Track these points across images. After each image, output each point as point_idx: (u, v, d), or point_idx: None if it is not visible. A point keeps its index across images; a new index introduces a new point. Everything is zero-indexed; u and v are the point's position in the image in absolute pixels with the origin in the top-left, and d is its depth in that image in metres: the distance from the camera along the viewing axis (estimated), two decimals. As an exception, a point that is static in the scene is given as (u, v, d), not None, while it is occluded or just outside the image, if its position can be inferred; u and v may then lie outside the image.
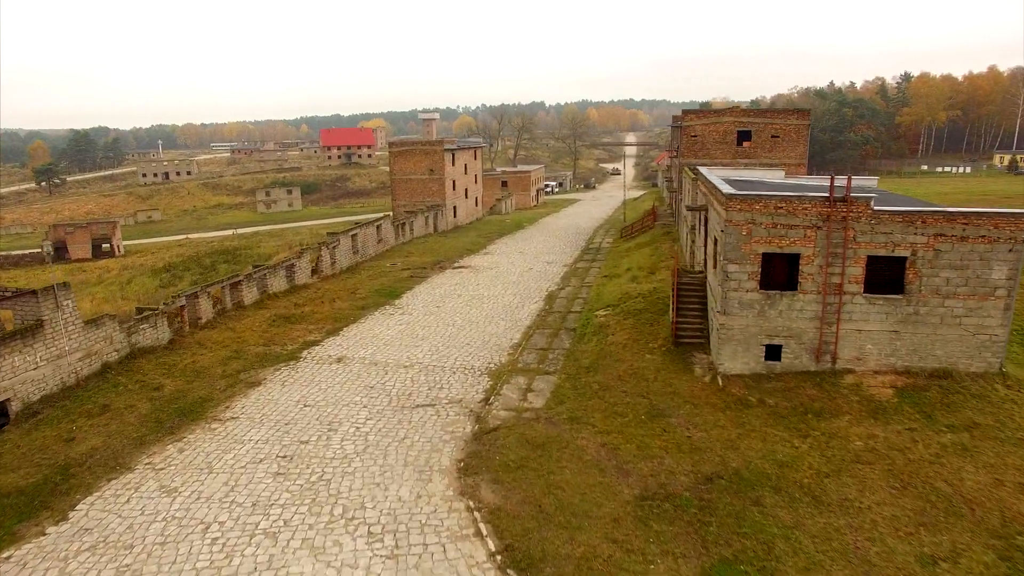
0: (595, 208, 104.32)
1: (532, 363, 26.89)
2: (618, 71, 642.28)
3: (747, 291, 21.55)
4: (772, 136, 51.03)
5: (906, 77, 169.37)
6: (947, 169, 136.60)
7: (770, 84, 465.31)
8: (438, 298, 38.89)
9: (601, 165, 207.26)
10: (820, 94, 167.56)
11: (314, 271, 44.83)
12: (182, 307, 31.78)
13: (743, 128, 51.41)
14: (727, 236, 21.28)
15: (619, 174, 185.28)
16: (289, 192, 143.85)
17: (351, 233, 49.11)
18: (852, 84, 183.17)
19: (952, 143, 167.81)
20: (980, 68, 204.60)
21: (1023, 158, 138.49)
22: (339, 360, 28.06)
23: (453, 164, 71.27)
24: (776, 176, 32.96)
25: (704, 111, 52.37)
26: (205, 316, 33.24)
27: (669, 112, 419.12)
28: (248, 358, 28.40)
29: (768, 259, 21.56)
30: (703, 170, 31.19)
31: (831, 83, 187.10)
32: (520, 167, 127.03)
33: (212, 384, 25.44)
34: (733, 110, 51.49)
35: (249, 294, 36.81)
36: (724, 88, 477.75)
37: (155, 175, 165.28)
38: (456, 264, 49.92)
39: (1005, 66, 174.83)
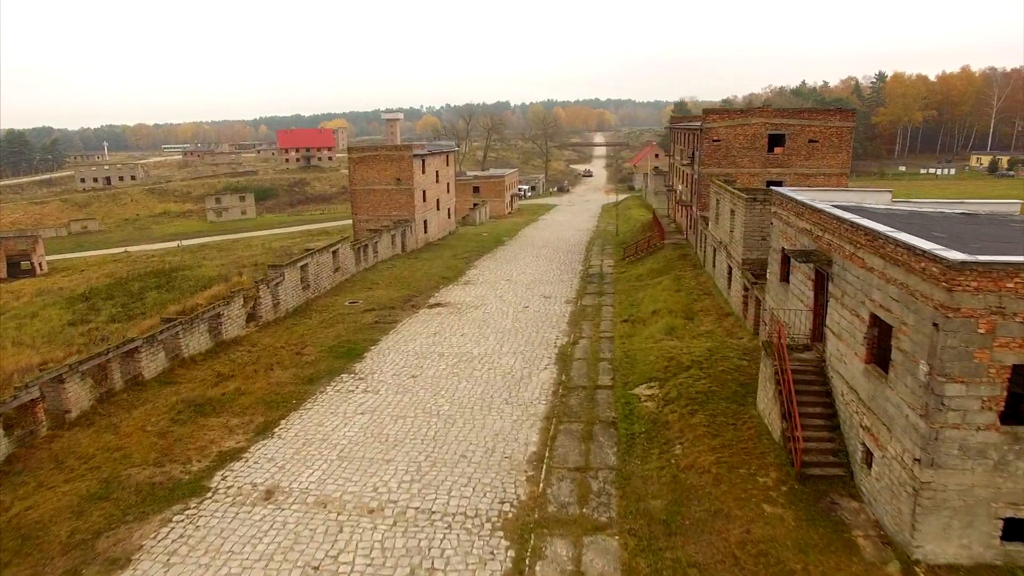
0: (576, 216, 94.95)
1: (570, 503, 17.01)
2: (582, 71, 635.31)
3: (978, 428, 12.06)
4: (809, 141, 42.10)
5: (880, 77, 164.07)
6: (931, 171, 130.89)
7: (733, 85, 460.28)
8: (413, 360, 28.74)
9: (571, 166, 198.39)
10: (797, 93, 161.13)
11: (251, 317, 34.28)
12: (35, 400, 21.10)
13: (775, 131, 42.36)
14: (948, 335, 11.72)
15: (591, 176, 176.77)
16: (242, 199, 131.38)
17: (300, 263, 38.53)
18: (825, 83, 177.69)
19: (926, 144, 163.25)
20: (949, 69, 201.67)
21: (1007, 160, 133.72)
22: (268, 496, 17.79)
23: (423, 172, 60.95)
24: (879, 200, 23.71)
25: (729, 111, 43.26)
26: (78, 407, 22.57)
27: (635, 112, 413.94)
28: (124, 495, 17.93)
29: (1018, 373, 12.13)
30: (789, 192, 21.81)
31: (803, 83, 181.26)
32: (492, 171, 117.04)
33: (38, 573, 14.96)
34: (763, 109, 42.42)
35: (152, 364, 26.15)
36: (691, 88, 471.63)
37: (95, 180, 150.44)
38: (432, 300, 39.75)
39: (974, 67, 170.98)
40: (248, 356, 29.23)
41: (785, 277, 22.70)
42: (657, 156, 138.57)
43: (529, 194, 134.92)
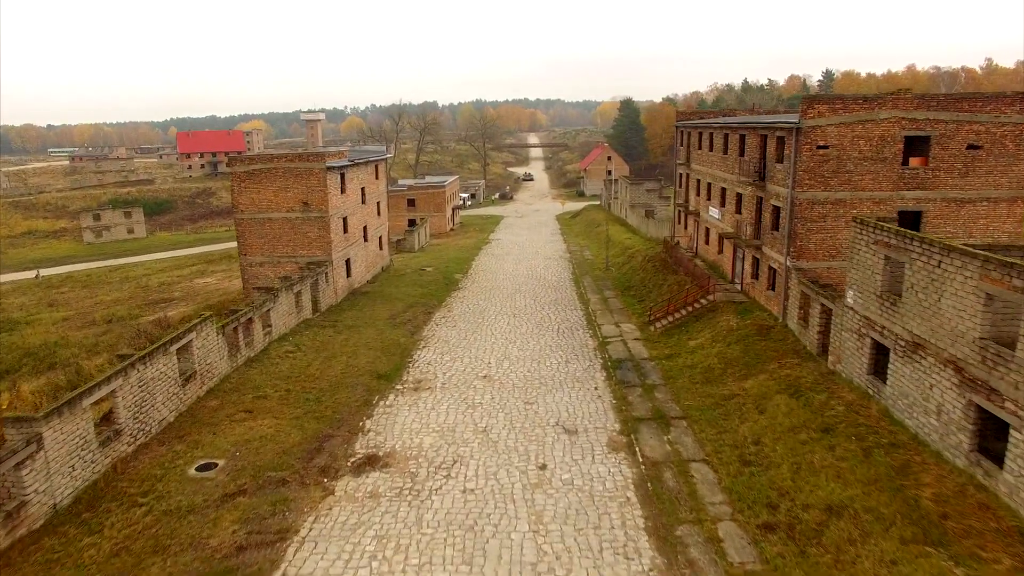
0: (535, 233, 77.25)
1: None
2: (508, 72, 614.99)
3: None
4: (968, 147, 25.61)
5: (828, 75, 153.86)
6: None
7: (668, 85, 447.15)
8: None
9: (509, 169, 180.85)
10: (747, 89, 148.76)
11: (-53, 552, 14.68)
12: None
13: (915, 132, 25.64)
14: None
15: (532, 179, 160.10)
16: (127, 214, 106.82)
17: (96, 394, 18.80)
18: (771, 81, 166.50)
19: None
20: (886, 70, 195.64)
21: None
22: None
23: (342, 191, 41.62)
24: None
25: (844, 99, 26.22)
26: None
27: (565, 112, 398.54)
28: None
29: None
30: None
31: (745, 80, 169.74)
32: (430, 179, 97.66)
33: None
34: (898, 97, 25.52)
35: None
36: (624, 88, 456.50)
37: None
38: (360, 448, 20.93)
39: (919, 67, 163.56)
40: None
41: None
42: (610, 159, 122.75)
43: (469, 203, 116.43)
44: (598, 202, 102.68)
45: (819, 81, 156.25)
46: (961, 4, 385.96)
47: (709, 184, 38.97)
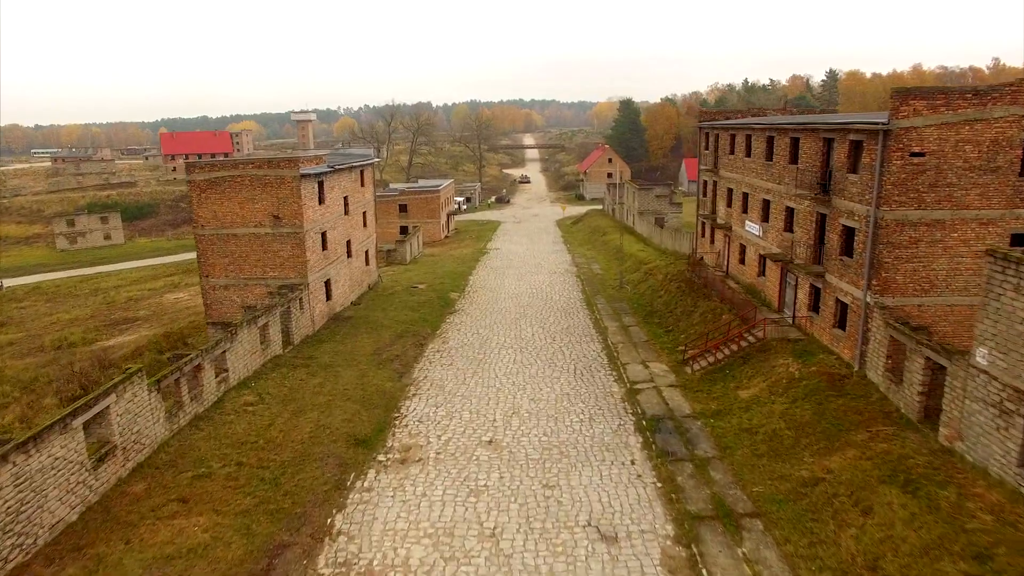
0: (536, 242, 71.48)
1: None
2: (502, 72, 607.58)
3: None
4: (1103, 154, 20.03)
5: (832, 75, 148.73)
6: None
7: (664, 86, 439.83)
8: None
9: (505, 171, 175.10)
10: (749, 89, 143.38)
11: None
12: None
13: (1038, 134, 20.06)
14: None
15: (528, 181, 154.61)
16: (104, 219, 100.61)
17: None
18: (772, 81, 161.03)
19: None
20: (883, 70, 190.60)
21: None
22: None
23: (321, 201, 35.84)
24: None
25: (944, 92, 20.60)
26: None
27: (560, 112, 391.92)
28: None
29: None
30: None
31: (746, 80, 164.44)
32: (423, 183, 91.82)
33: None
34: (1018, 90, 19.91)
35: None
36: (620, 89, 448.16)
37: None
38: (325, 562, 15.16)
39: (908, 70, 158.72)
40: None
41: None
42: (611, 161, 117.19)
43: (464, 207, 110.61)
44: (600, 207, 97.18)
45: (822, 81, 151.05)
46: (959, 4, 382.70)
47: (745, 194, 33.35)
